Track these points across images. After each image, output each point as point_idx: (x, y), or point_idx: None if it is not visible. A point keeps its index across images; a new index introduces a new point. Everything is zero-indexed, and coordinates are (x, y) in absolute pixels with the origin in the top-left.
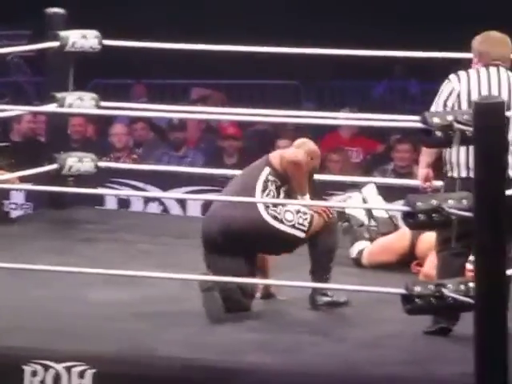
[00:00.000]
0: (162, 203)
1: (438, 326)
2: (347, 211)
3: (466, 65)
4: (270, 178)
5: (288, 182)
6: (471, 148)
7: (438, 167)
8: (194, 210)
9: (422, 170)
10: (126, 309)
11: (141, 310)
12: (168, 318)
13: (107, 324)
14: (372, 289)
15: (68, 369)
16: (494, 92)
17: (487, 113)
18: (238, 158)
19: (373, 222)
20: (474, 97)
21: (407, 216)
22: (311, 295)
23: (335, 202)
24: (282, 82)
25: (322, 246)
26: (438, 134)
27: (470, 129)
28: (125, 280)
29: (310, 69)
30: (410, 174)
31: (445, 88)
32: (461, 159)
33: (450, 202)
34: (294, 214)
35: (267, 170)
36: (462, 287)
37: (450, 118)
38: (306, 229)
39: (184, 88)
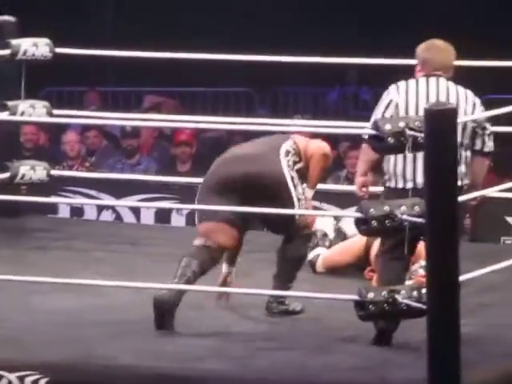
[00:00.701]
0: (115, 211)
1: (379, 327)
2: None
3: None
4: (291, 150)
5: (304, 165)
6: (408, 158)
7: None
8: (148, 217)
9: (360, 178)
10: (79, 317)
11: (94, 318)
12: (121, 326)
13: (61, 332)
14: (326, 295)
15: (21, 378)
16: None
17: (438, 119)
18: (191, 165)
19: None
20: (412, 108)
21: (360, 222)
22: (268, 302)
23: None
24: (235, 89)
25: (293, 253)
26: (390, 140)
27: (422, 135)
28: (78, 288)
29: (263, 75)
30: None
31: (384, 99)
32: (398, 170)
33: (403, 208)
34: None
35: (291, 142)
36: (415, 293)
37: (401, 124)
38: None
39: (137, 95)
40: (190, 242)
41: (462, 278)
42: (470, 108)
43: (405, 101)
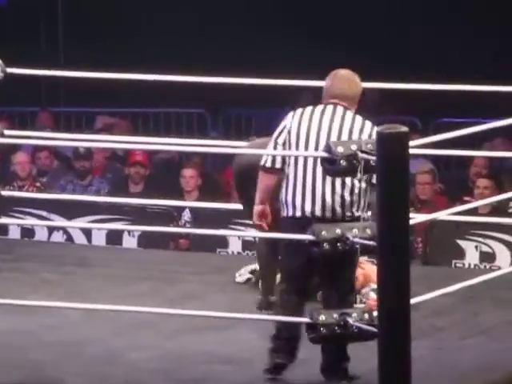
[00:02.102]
0: (66, 232)
1: (274, 361)
2: None
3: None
4: None
5: None
6: (298, 187)
7: None
8: (99, 239)
9: (257, 206)
10: (29, 338)
11: (44, 340)
12: (71, 348)
13: (10, 354)
14: (277, 318)
15: None
16: (323, 131)
17: (390, 142)
18: (143, 186)
19: None
20: (302, 135)
21: (312, 245)
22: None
23: None
24: (188, 110)
25: None
26: (342, 163)
27: (374, 158)
28: (28, 309)
29: (216, 97)
30: None
31: (280, 125)
32: (288, 199)
33: (354, 231)
34: None
35: None
36: (367, 316)
37: (353, 147)
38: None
39: (89, 116)
40: (142, 264)
41: (413, 301)
42: (364, 139)
43: (297, 127)
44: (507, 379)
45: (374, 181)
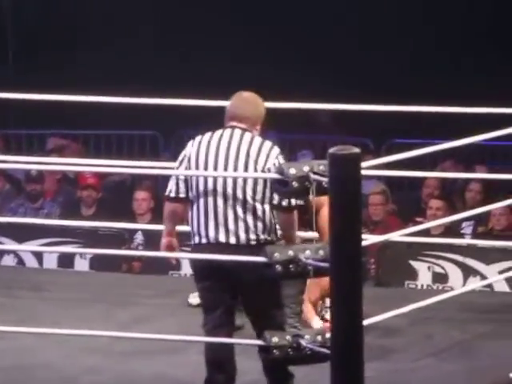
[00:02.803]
0: (17, 255)
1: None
2: None
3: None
4: None
5: None
6: (201, 214)
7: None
8: (51, 262)
9: (164, 239)
10: None
11: None
12: (23, 372)
13: None
14: (230, 340)
15: None
16: (221, 155)
17: (342, 163)
18: (95, 209)
19: None
20: (201, 162)
21: (265, 267)
22: None
23: None
24: (140, 132)
25: None
26: (295, 184)
27: (326, 179)
28: None
29: (168, 118)
30: None
31: (181, 154)
32: (194, 227)
33: (307, 252)
34: None
35: None
36: (319, 338)
37: (306, 168)
38: None
39: (40, 138)
40: (94, 287)
41: (366, 322)
42: (262, 159)
43: (196, 153)
44: None
45: (275, 202)
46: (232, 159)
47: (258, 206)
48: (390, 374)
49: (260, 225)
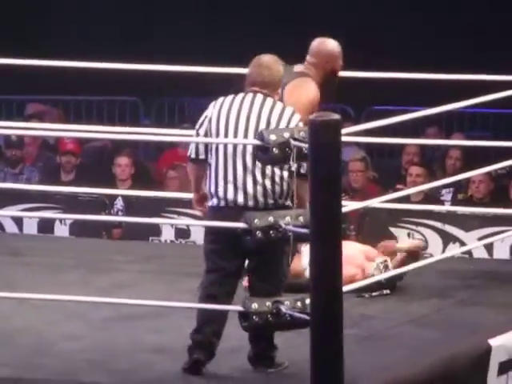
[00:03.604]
0: None
1: (193, 358)
2: None
3: None
4: None
5: None
6: (220, 177)
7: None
8: (30, 227)
9: (194, 195)
10: None
11: None
12: (1, 337)
13: None
14: (210, 306)
15: None
16: (242, 120)
17: (322, 129)
18: (75, 174)
19: None
20: (222, 124)
21: (246, 233)
22: None
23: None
24: (120, 98)
25: None
26: (275, 151)
27: (306, 145)
28: None
29: (148, 85)
30: None
31: (203, 114)
32: (211, 189)
33: (287, 219)
34: None
35: None
36: (299, 304)
37: (286, 134)
38: None
39: (19, 104)
40: (74, 253)
41: (345, 288)
42: (283, 126)
43: (217, 116)
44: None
45: (293, 169)
46: (253, 125)
47: (277, 171)
48: (369, 340)
49: (278, 189)
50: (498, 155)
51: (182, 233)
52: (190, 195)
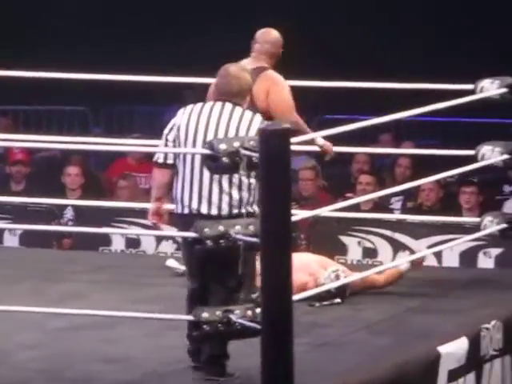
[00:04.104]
0: None
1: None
2: None
3: None
4: None
5: None
6: (186, 184)
7: None
8: None
9: (152, 204)
10: None
11: None
12: None
13: None
14: (162, 316)
15: None
16: (211, 128)
17: (272, 138)
18: (25, 184)
19: None
20: (191, 132)
21: (195, 242)
22: None
23: None
24: (69, 107)
25: None
26: (225, 160)
27: (256, 154)
28: None
29: (98, 94)
30: None
31: (171, 122)
32: (177, 195)
33: (237, 227)
34: None
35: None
36: (249, 313)
37: (236, 144)
38: None
39: None
40: (24, 263)
41: (296, 296)
42: (251, 135)
43: (186, 124)
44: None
45: None
46: (221, 133)
47: (244, 179)
48: (320, 348)
49: (246, 197)
50: (446, 163)
51: (133, 242)
52: (140, 205)
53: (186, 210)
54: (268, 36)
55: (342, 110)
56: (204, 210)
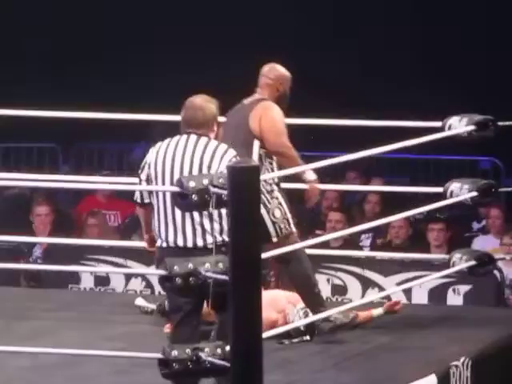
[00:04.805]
0: None
1: None
2: None
3: None
4: (262, 152)
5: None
6: (161, 219)
7: None
8: None
9: (145, 235)
10: None
11: None
12: None
13: None
14: (130, 354)
15: None
16: (177, 163)
17: (241, 175)
18: None
19: None
20: (159, 168)
21: (165, 280)
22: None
23: None
24: (38, 144)
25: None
26: (194, 197)
27: (225, 192)
28: None
29: (67, 131)
30: None
31: (144, 160)
32: (156, 229)
33: (207, 265)
34: (282, 214)
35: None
36: (219, 351)
37: (205, 181)
38: (279, 234)
39: None
40: None
41: (265, 334)
42: (215, 164)
43: (155, 161)
44: None
45: None
46: (187, 167)
47: (215, 210)
48: None
49: (217, 227)
50: (415, 200)
51: (102, 280)
52: (109, 242)
53: (165, 244)
54: (270, 71)
55: (311, 147)
56: (180, 242)
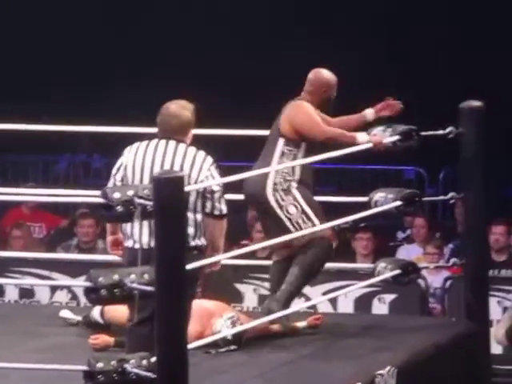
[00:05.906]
0: None
1: None
2: None
3: None
4: (285, 150)
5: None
6: (145, 221)
7: None
8: None
9: (108, 237)
10: None
11: None
12: None
13: None
14: (54, 366)
15: None
16: (157, 166)
17: (166, 187)
18: None
19: None
20: (137, 170)
21: (90, 291)
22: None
23: None
24: None
25: (301, 260)
26: (119, 208)
27: (151, 203)
28: None
29: None
30: (93, 249)
31: (118, 162)
32: (128, 230)
33: (132, 276)
34: (298, 211)
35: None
36: (145, 362)
37: (130, 192)
38: (298, 229)
39: None
40: None
41: (191, 345)
42: (195, 172)
43: (132, 163)
44: None
45: (208, 210)
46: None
47: (190, 215)
48: None
49: (192, 232)
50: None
51: (27, 292)
52: (34, 254)
53: (138, 245)
54: (313, 77)
55: (237, 157)
56: (153, 244)
